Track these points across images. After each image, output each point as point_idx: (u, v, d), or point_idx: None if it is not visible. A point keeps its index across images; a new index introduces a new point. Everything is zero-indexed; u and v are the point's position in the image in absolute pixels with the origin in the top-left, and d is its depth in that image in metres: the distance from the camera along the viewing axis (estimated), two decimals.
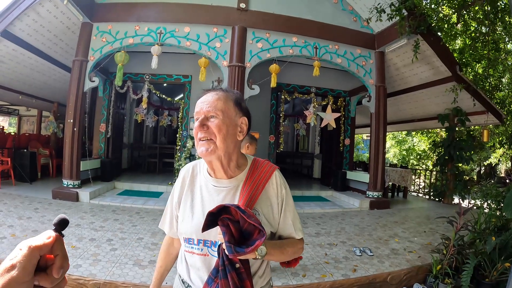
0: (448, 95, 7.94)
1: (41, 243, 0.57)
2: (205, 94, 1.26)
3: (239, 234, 1.09)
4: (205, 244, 1.24)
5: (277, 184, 1.31)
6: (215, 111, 1.19)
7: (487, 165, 17.60)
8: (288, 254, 1.28)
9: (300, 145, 16.03)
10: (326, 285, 3.47)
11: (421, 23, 6.55)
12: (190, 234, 1.25)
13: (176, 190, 1.37)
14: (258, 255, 1.10)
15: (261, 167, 1.32)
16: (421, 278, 4.03)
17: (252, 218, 1.06)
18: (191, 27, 6.90)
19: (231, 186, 1.27)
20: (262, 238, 1.04)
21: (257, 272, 1.28)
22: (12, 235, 4.23)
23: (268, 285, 1.36)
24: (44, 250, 0.57)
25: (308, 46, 7.42)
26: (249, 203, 1.21)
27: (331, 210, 7.31)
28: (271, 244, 1.19)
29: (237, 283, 1.10)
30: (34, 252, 0.55)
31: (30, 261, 0.54)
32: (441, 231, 5.49)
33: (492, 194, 4.64)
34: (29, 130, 14.49)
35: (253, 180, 1.26)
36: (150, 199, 7.07)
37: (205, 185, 1.30)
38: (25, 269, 0.53)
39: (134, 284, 3.17)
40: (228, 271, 1.10)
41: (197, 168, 1.38)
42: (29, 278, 0.53)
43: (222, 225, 1.08)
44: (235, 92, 1.33)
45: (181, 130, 8.89)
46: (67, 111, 6.84)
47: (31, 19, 6.47)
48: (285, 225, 1.32)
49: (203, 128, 1.18)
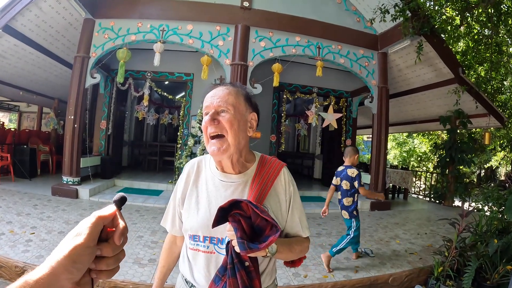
0: (450, 97, 7.91)
1: (105, 214, 0.62)
2: (214, 88, 1.23)
3: (250, 230, 1.06)
4: (212, 241, 1.20)
5: (286, 181, 1.29)
6: (226, 106, 1.16)
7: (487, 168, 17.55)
8: (295, 252, 1.25)
9: (301, 145, 15.99)
10: (327, 285, 3.45)
11: (424, 25, 6.53)
12: (196, 230, 1.21)
13: (180, 186, 1.34)
14: (268, 253, 1.07)
15: (269, 163, 1.30)
16: (422, 280, 4.00)
17: (265, 213, 1.04)
18: (194, 24, 6.88)
19: (240, 181, 1.24)
20: (277, 234, 1.01)
21: (265, 271, 1.25)
22: (11, 231, 4.21)
23: (274, 283, 1.34)
24: (107, 220, 0.62)
25: (311, 45, 7.39)
26: (259, 199, 1.18)
27: (332, 211, 7.19)
28: (280, 242, 1.17)
29: (246, 282, 1.07)
30: (99, 220, 0.60)
31: (95, 227, 0.59)
32: (442, 233, 5.49)
33: (493, 197, 4.62)
34: (30, 126, 14.48)
35: (262, 176, 1.24)
36: (150, 197, 7.04)
37: (212, 180, 1.27)
38: (90, 235, 0.58)
39: (133, 283, 3.14)
40: (237, 269, 1.07)
41: (202, 163, 1.34)
42: (93, 244, 0.58)
43: (233, 221, 1.05)
44: (245, 87, 1.31)
45: (182, 128, 8.85)
46: (68, 108, 6.81)
47: (33, 14, 6.42)
48: (293, 223, 1.29)
49: (213, 122, 1.15)
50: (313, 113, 8.77)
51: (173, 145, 10.52)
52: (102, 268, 0.60)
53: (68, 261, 0.54)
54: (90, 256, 0.58)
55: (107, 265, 0.61)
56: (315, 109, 8.89)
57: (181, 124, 8.97)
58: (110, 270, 0.62)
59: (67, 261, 0.54)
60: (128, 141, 11.54)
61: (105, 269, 0.61)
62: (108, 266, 0.61)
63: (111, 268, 0.62)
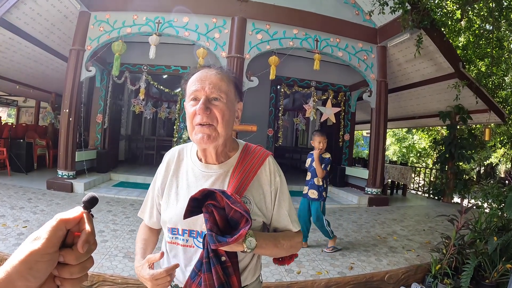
0: (450, 92, 7.83)
1: (69, 217, 0.56)
2: (202, 70, 1.14)
3: (224, 223, 0.99)
4: (191, 235, 1.13)
5: (271, 171, 1.20)
6: (219, 93, 1.07)
7: (487, 165, 17.51)
8: (283, 248, 1.16)
9: (299, 140, 15.93)
10: (321, 283, 3.38)
11: (424, 18, 6.43)
12: (175, 223, 1.14)
13: (159, 176, 1.27)
14: (246, 248, 0.99)
15: (253, 152, 1.21)
16: (419, 277, 3.94)
17: (237, 204, 0.95)
18: (190, 17, 6.78)
19: (221, 172, 1.16)
20: (247, 227, 0.93)
21: (246, 268, 1.17)
22: (3, 225, 4.19)
23: (258, 280, 1.26)
24: (71, 224, 0.56)
25: (309, 38, 7.30)
26: (239, 190, 1.10)
27: (329, 206, 7.21)
28: (262, 236, 1.08)
29: (222, 278, 1.00)
30: (60, 224, 0.55)
31: (55, 232, 0.53)
32: (441, 230, 5.43)
33: (493, 194, 4.54)
34: (28, 121, 14.44)
35: (244, 165, 1.16)
36: (145, 191, 6.84)
37: (192, 170, 1.19)
38: (49, 240, 0.52)
39: (122, 277, 3.09)
40: (212, 264, 1.01)
41: (183, 152, 1.27)
42: (52, 250, 0.52)
43: (206, 211, 0.98)
44: (234, 73, 1.23)
45: (179, 122, 8.79)
46: (63, 101, 6.75)
47: (28, 7, 6.34)
48: (280, 216, 1.21)
49: (206, 111, 1.05)
50: (311, 107, 8.68)
51: (171, 139, 10.43)
52: (65, 276, 0.55)
53: (24, 267, 0.49)
54: (48, 263, 0.52)
55: (71, 274, 0.55)
56: (313, 103, 8.81)
57: (177, 117, 8.89)
58: (75, 279, 0.56)
59: (22, 267, 0.49)
60: (125, 135, 11.48)
61: (68, 277, 0.55)
62: (72, 275, 0.55)
63: (75, 277, 0.56)
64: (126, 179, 8.05)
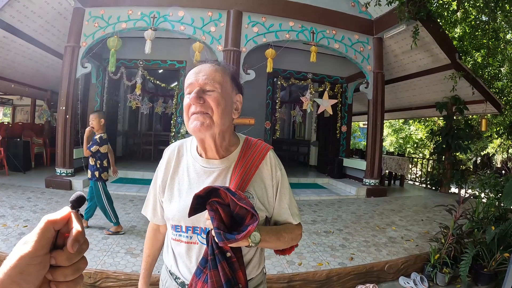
0: (446, 83, 7.85)
1: (56, 217, 0.55)
2: (199, 65, 1.14)
3: (230, 219, 0.99)
4: (194, 231, 1.13)
5: (272, 165, 1.21)
6: (213, 84, 1.07)
7: (484, 155, 17.57)
8: (285, 240, 1.17)
9: (296, 132, 15.94)
10: (322, 273, 3.41)
11: (420, 9, 6.42)
12: (178, 220, 1.15)
13: (159, 173, 1.26)
14: (251, 242, 1.00)
15: (254, 146, 1.21)
16: (418, 267, 3.98)
17: (243, 201, 0.96)
18: (185, 11, 6.72)
19: (223, 167, 1.15)
20: (255, 223, 0.94)
21: (251, 261, 1.18)
22: (4, 225, 4.16)
23: (262, 273, 1.28)
24: (59, 225, 0.55)
25: (305, 31, 7.27)
26: (242, 185, 1.10)
27: (328, 198, 7.27)
28: (266, 230, 1.09)
29: (228, 274, 1.01)
30: (48, 225, 0.53)
31: (44, 234, 0.52)
32: (439, 220, 5.47)
33: (490, 184, 4.58)
34: (23, 119, 14.31)
35: (245, 160, 1.16)
36: (144, 186, 6.98)
37: (193, 166, 1.19)
38: (38, 242, 0.51)
39: (125, 273, 3.10)
40: (218, 260, 1.01)
41: (183, 148, 1.26)
42: (42, 252, 0.51)
43: (211, 209, 0.98)
44: (232, 67, 1.22)
45: (176, 117, 8.76)
46: (59, 98, 6.71)
47: (21, 5, 6.27)
48: (281, 210, 1.22)
49: (199, 100, 1.05)
50: (308, 100, 8.67)
51: (168, 134, 10.41)
52: (59, 279, 0.53)
53: (15, 272, 0.48)
54: (40, 266, 0.51)
55: (65, 276, 0.54)
56: (310, 95, 8.79)
57: (174, 112, 8.87)
58: (69, 281, 0.54)
59: (13, 272, 0.48)
60: (122, 131, 11.43)
61: (62, 280, 0.54)
62: (66, 277, 0.54)
63: (69, 279, 0.54)
64: (125, 175, 8.03)
